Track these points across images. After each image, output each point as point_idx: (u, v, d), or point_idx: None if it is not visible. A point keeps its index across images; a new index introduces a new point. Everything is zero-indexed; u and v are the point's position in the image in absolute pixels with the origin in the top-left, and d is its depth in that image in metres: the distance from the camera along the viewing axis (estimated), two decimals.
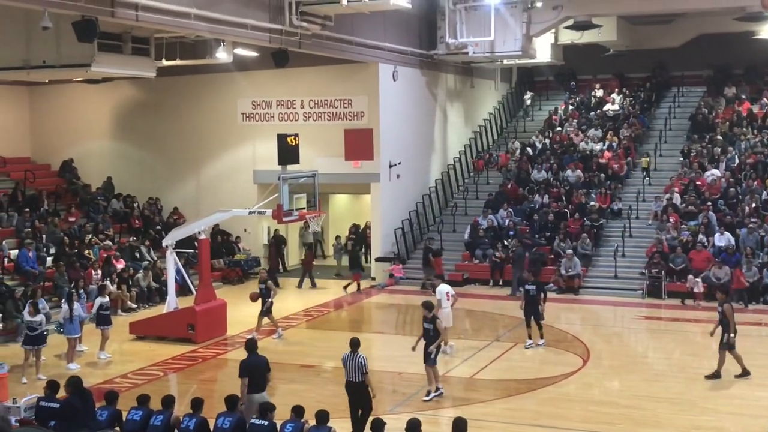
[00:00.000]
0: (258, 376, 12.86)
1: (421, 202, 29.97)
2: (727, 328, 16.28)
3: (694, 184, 28.16)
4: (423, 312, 15.65)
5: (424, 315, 15.58)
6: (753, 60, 33.93)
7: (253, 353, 13.23)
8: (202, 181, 30.04)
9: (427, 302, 15.91)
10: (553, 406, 15.15)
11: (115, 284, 23.54)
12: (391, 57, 27.67)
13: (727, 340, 16.29)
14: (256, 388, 12.76)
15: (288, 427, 10.85)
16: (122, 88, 30.01)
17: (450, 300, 18.69)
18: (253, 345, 13.41)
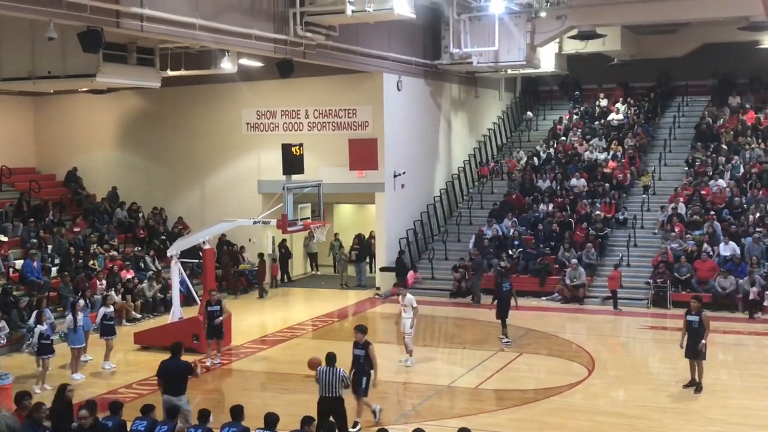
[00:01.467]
0: (173, 380, 13.19)
1: (426, 211, 29.97)
2: (701, 336, 15.93)
3: (698, 193, 28.12)
4: (355, 336, 14.48)
5: (356, 340, 14.43)
6: (757, 69, 33.93)
7: (174, 356, 13.54)
8: (206, 190, 30.07)
9: (360, 326, 14.74)
10: (559, 416, 15.10)
11: (119, 294, 23.56)
12: (395, 67, 27.72)
13: (705, 348, 16.02)
14: (170, 391, 13.07)
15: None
16: (127, 98, 30.09)
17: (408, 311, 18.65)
18: (176, 348, 13.69)
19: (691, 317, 16.09)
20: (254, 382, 18.30)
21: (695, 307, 16.19)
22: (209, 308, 19.03)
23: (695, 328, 16.00)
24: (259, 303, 27.08)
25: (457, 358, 19.91)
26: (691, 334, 16.08)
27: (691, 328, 16.07)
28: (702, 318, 16.00)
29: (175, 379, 13.30)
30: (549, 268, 26.58)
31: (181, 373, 13.34)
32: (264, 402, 15.09)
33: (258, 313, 25.27)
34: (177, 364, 13.45)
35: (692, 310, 16.16)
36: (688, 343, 16.13)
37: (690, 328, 16.09)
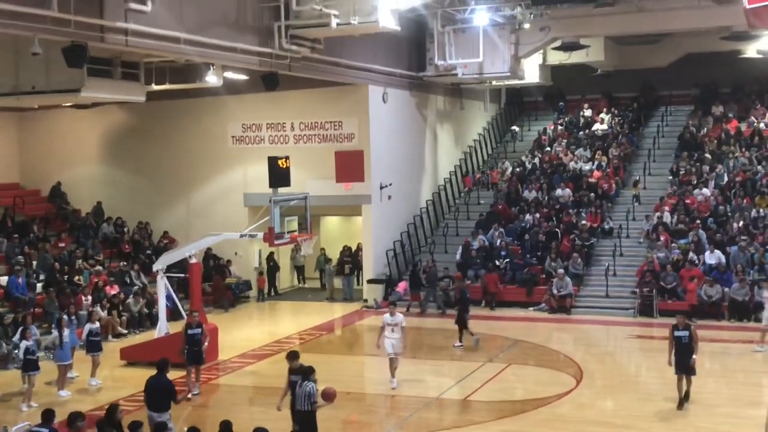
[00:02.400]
0: (156, 396, 13.19)
1: (413, 223, 29.98)
2: (691, 351, 15.61)
3: (683, 202, 28.27)
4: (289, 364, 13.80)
5: (291, 367, 13.67)
6: (740, 79, 34.21)
7: (159, 373, 13.51)
8: (192, 204, 29.98)
9: (292, 352, 14.32)
10: (548, 427, 15.09)
11: (105, 310, 23.43)
12: (380, 79, 27.77)
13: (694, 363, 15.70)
14: (153, 407, 13.09)
15: None
16: (112, 112, 29.99)
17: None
18: (161, 364, 13.61)
19: (680, 332, 15.69)
20: (242, 396, 18.21)
21: (682, 323, 15.83)
22: (190, 331, 17.66)
23: (685, 344, 15.61)
24: (246, 317, 27.00)
25: (446, 370, 19.88)
26: (680, 350, 15.65)
27: (680, 344, 15.64)
28: (691, 333, 15.68)
29: (158, 395, 13.24)
30: (536, 278, 26.64)
31: (164, 391, 13.28)
32: (252, 416, 15.02)
33: (245, 327, 25.17)
34: (160, 381, 13.38)
35: (680, 325, 15.78)
36: (678, 359, 15.69)
37: (679, 344, 15.65)
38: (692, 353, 15.62)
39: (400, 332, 17.44)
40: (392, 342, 17.31)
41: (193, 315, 18.13)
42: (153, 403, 13.17)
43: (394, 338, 17.33)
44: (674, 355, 15.74)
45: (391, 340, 17.31)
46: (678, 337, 15.71)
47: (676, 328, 15.82)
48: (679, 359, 15.68)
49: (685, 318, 16.29)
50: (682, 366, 15.69)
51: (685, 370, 15.73)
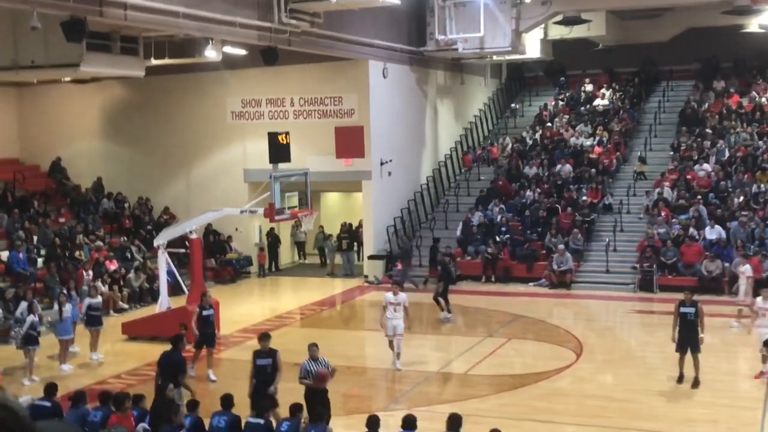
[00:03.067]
0: (164, 371, 13.34)
1: (413, 199, 29.96)
2: (696, 328, 15.40)
3: (684, 178, 28.23)
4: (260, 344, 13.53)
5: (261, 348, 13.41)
6: (741, 53, 34.03)
7: (173, 348, 13.64)
8: (192, 180, 29.96)
9: (264, 333, 14.02)
10: (548, 400, 15.16)
11: (106, 285, 23.47)
12: (380, 54, 27.64)
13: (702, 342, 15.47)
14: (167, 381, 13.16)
15: (284, 425, 10.85)
16: (111, 87, 29.90)
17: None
18: (174, 340, 13.75)
19: (686, 309, 15.43)
20: (243, 371, 18.20)
21: (689, 299, 15.56)
22: (204, 312, 17.08)
23: (691, 320, 15.36)
24: (247, 292, 27.07)
25: (446, 345, 19.96)
26: (685, 326, 15.39)
27: (685, 321, 15.39)
28: (698, 309, 15.41)
29: (166, 370, 13.32)
30: (536, 254, 26.66)
31: (172, 366, 13.32)
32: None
33: (246, 303, 25.23)
34: (171, 357, 13.43)
35: (686, 302, 15.51)
36: (681, 336, 15.44)
37: (684, 321, 15.40)
38: (697, 330, 15.34)
39: (403, 312, 16.98)
40: (394, 323, 16.85)
41: (206, 296, 17.59)
42: (164, 378, 13.27)
43: (396, 318, 16.87)
44: (678, 332, 15.51)
45: (393, 321, 16.86)
46: (684, 314, 15.45)
47: (682, 304, 15.55)
48: (683, 336, 15.42)
49: (692, 295, 15.93)
50: (686, 343, 15.41)
51: (693, 347, 15.36)
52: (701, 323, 15.46)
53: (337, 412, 12.96)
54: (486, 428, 10.53)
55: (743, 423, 13.58)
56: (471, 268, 27.03)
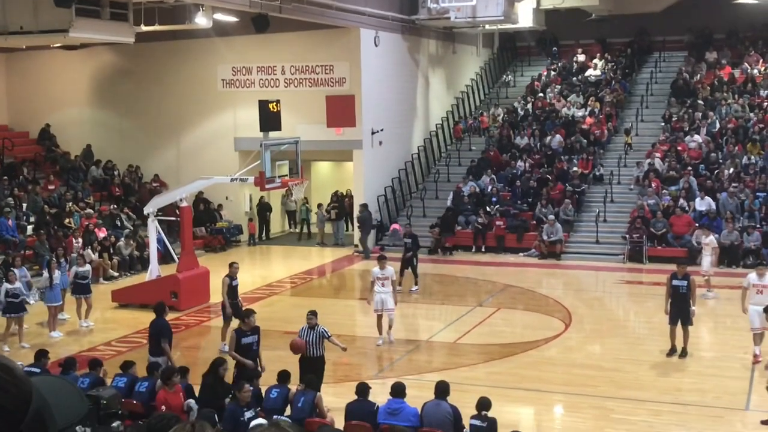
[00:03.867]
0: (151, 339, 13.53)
1: (404, 169, 29.91)
2: (687, 301, 15.40)
3: (675, 149, 28.25)
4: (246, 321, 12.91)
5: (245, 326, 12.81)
6: (734, 25, 33.93)
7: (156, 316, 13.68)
8: (182, 148, 29.83)
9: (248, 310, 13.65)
10: (536, 369, 15.26)
11: (96, 252, 23.43)
12: (372, 22, 27.45)
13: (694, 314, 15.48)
14: (151, 350, 13.43)
15: (273, 392, 10.90)
16: (101, 54, 29.66)
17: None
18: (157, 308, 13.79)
19: (678, 282, 15.42)
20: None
21: (681, 272, 15.52)
22: (234, 283, 16.60)
23: (683, 293, 15.35)
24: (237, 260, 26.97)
25: (436, 314, 20.04)
26: (677, 299, 15.40)
27: (678, 294, 15.39)
28: (690, 282, 15.40)
29: (152, 338, 13.43)
30: (526, 224, 26.71)
31: (157, 334, 13.42)
32: None
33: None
34: (155, 324, 13.55)
35: (679, 274, 15.48)
36: (674, 309, 15.43)
37: (676, 294, 15.41)
38: (689, 303, 15.36)
39: (391, 286, 16.65)
40: (382, 297, 16.52)
41: (234, 266, 16.99)
42: (151, 346, 13.38)
43: (384, 293, 16.53)
44: (670, 305, 15.52)
45: (381, 295, 16.53)
46: (676, 287, 15.46)
47: (675, 276, 15.54)
48: (674, 309, 15.44)
49: (685, 267, 15.89)
50: (677, 316, 15.42)
51: (684, 320, 15.37)
52: (693, 296, 15.48)
53: (327, 380, 13.03)
54: (474, 396, 10.60)
55: (730, 392, 13.70)
56: (462, 238, 27.08)
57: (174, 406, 10.18)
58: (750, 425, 12.43)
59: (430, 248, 26.58)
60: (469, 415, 10.26)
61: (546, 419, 13.31)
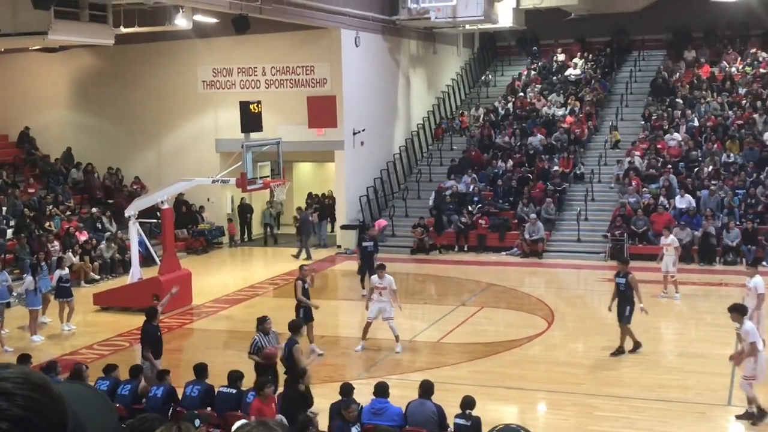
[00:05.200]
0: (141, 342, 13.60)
1: (386, 169, 29.94)
2: (628, 299, 15.44)
3: (655, 147, 28.43)
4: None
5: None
6: (712, 23, 34.17)
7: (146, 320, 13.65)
8: (163, 150, 29.72)
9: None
10: (519, 367, 15.31)
11: (77, 256, 23.31)
12: (353, 23, 27.46)
13: (630, 312, 15.49)
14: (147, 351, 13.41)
15: (250, 396, 10.87)
16: (80, 56, 29.49)
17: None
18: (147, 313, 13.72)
19: (618, 279, 15.64)
20: (217, 340, 18.29)
21: (622, 270, 15.75)
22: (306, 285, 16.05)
23: (622, 291, 15.49)
24: (219, 262, 27.01)
25: (419, 314, 20.04)
26: (617, 296, 15.65)
27: (618, 291, 15.61)
28: (629, 280, 15.50)
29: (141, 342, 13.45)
30: (508, 223, 26.79)
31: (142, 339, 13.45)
32: (226, 360, 15.07)
33: (219, 273, 25.19)
34: (142, 329, 13.55)
35: (620, 272, 15.70)
36: (617, 306, 15.66)
37: (617, 291, 15.63)
38: (627, 300, 15.45)
39: (389, 296, 16.14)
40: (379, 306, 16.07)
41: (304, 269, 16.62)
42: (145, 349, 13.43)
43: (381, 302, 16.07)
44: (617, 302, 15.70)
45: (379, 304, 16.08)
46: (616, 284, 15.72)
47: (617, 274, 15.84)
48: (617, 306, 15.68)
49: (626, 265, 16.01)
50: (618, 313, 15.64)
51: (618, 316, 15.59)
52: (636, 294, 15.52)
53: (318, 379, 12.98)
54: (458, 395, 10.63)
55: (712, 389, 13.79)
56: (444, 237, 27.13)
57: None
58: (732, 421, 12.52)
59: (412, 248, 26.63)
60: (453, 414, 10.28)
61: (529, 417, 13.35)
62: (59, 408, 1.67)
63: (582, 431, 12.29)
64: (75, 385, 2.02)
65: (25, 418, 1.59)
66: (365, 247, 21.15)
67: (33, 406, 1.61)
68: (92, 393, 1.97)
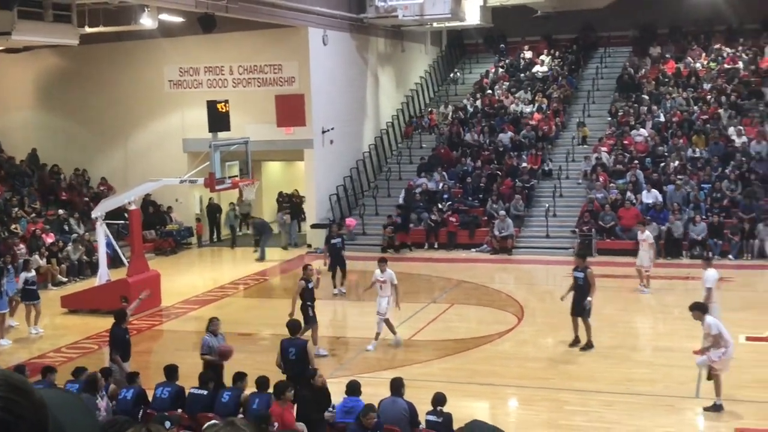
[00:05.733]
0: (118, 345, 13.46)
1: (355, 167, 29.91)
2: (586, 293, 15.65)
3: (621, 143, 28.66)
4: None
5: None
6: (677, 19, 34.51)
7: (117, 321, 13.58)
8: (130, 150, 29.47)
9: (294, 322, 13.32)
10: (490, 364, 15.38)
11: (44, 258, 23.05)
12: (320, 21, 27.40)
13: (590, 306, 15.70)
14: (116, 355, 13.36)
15: (225, 396, 10.83)
16: (45, 57, 29.15)
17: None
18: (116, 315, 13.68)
19: (577, 273, 15.86)
20: (186, 342, 18.13)
21: (580, 264, 16.02)
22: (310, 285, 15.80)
23: (580, 285, 15.69)
24: (188, 263, 26.86)
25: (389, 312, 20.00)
26: (575, 290, 15.79)
27: (576, 285, 15.80)
28: (587, 275, 15.72)
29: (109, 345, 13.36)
30: (478, 220, 26.89)
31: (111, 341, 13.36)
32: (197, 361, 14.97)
33: (188, 273, 25.04)
34: (110, 332, 13.47)
35: (578, 266, 15.96)
36: (573, 300, 15.82)
37: (576, 285, 15.81)
38: (586, 295, 15.66)
39: (390, 290, 16.25)
40: (382, 301, 16.25)
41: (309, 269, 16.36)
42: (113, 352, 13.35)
43: (381, 296, 16.28)
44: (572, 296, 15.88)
45: (382, 299, 16.26)
46: (574, 278, 15.92)
47: (575, 268, 16.03)
48: (574, 300, 15.83)
49: (584, 260, 16.31)
50: (575, 308, 15.80)
51: (578, 311, 15.77)
52: (591, 288, 15.70)
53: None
54: (430, 392, 10.65)
55: (680, 382, 13.93)
56: (414, 235, 27.17)
57: (288, 424, 9.86)
58: (700, 413, 12.66)
59: (382, 246, 26.64)
60: (425, 411, 10.30)
61: (501, 413, 13.42)
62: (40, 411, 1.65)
63: (553, 426, 12.37)
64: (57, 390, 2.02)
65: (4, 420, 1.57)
66: (334, 244, 21.34)
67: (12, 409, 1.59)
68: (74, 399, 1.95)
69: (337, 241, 21.48)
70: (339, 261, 21.32)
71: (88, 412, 1.94)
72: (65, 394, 1.95)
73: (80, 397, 2.01)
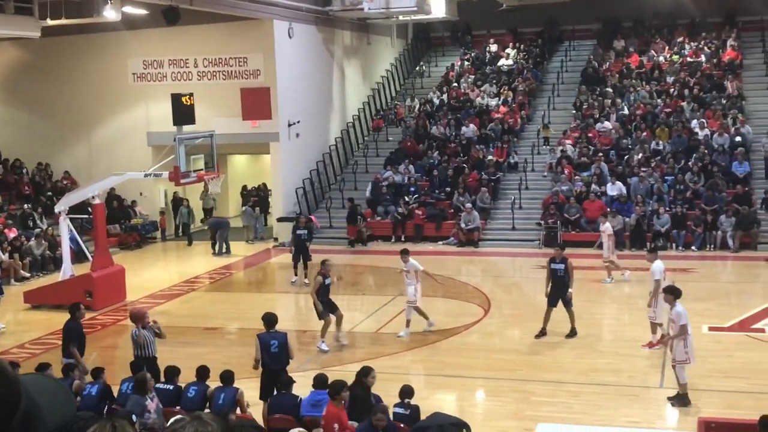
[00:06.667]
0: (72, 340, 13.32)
1: (322, 160, 29.84)
2: (566, 284, 15.84)
3: (586, 135, 28.87)
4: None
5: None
6: (640, 13, 34.78)
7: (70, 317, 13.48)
8: (93, 144, 29.16)
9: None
10: (457, 355, 15.43)
11: (6, 253, 22.75)
12: (285, 14, 27.27)
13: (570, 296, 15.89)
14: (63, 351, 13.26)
15: (191, 390, 10.77)
16: (6, 49, 28.75)
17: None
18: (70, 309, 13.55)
19: (556, 265, 15.94)
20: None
21: (559, 255, 16.12)
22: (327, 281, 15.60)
23: (560, 276, 15.82)
24: (153, 257, 26.65)
25: (357, 305, 20.06)
26: (555, 282, 15.93)
27: (556, 277, 15.90)
28: (567, 266, 15.89)
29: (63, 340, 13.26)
30: (444, 213, 26.96)
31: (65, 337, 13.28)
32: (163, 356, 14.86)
33: (153, 268, 24.85)
34: (65, 327, 13.41)
35: (556, 258, 16.05)
36: (552, 292, 15.93)
37: (555, 277, 15.92)
38: (567, 286, 15.85)
39: (414, 278, 16.59)
40: (409, 288, 16.65)
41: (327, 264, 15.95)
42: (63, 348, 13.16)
43: (410, 284, 16.61)
44: (550, 288, 16.02)
45: (409, 287, 16.65)
46: (554, 270, 16.01)
47: (553, 260, 16.13)
48: (554, 292, 15.96)
49: (562, 251, 16.49)
50: (556, 298, 15.93)
51: (564, 303, 15.93)
52: (570, 279, 15.91)
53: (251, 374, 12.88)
54: (397, 385, 10.66)
55: (644, 371, 14.09)
56: (381, 228, 27.18)
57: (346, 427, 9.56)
58: (664, 402, 12.80)
59: (350, 240, 26.62)
60: (392, 404, 10.30)
61: (468, 404, 13.46)
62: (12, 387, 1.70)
63: (520, 416, 12.44)
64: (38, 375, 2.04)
65: None
66: (299, 235, 21.42)
67: None
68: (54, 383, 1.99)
69: (303, 232, 21.50)
70: (303, 252, 21.32)
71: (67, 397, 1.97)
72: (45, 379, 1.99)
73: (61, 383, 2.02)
